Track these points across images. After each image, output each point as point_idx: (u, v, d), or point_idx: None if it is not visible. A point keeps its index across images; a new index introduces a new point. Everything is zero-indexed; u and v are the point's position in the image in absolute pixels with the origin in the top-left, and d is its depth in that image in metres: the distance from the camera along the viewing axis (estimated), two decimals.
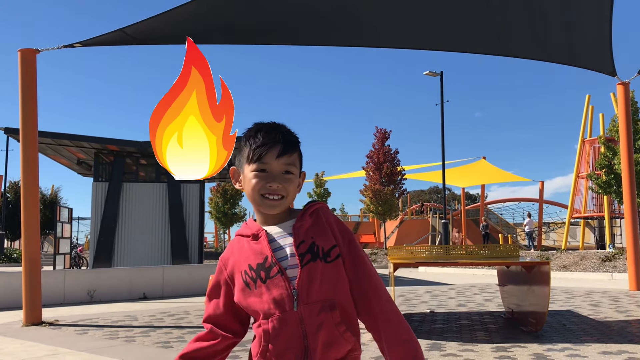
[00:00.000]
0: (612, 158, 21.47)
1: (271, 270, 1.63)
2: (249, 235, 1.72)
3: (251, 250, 1.69)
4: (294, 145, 1.72)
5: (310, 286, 1.61)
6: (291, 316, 1.61)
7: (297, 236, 1.66)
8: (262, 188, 1.66)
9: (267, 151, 1.66)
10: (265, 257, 1.65)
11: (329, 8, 9.31)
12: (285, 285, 1.61)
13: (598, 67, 11.94)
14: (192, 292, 13.42)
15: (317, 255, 1.63)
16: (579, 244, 30.44)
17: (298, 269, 1.62)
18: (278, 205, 1.68)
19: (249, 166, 1.70)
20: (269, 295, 1.62)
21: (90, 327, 8.39)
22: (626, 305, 9.64)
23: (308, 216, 1.70)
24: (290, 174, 1.69)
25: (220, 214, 34.92)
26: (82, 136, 17.86)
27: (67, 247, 19.22)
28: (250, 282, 1.66)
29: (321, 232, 1.67)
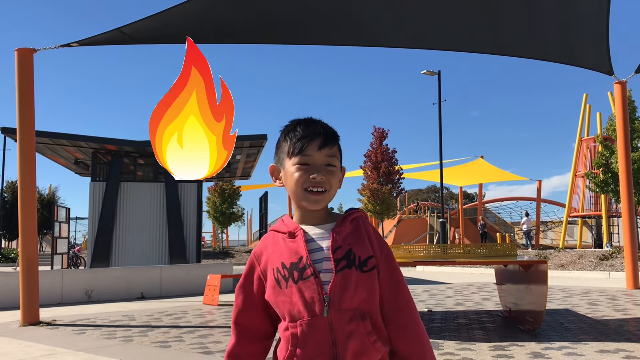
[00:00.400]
0: (610, 157, 21.50)
1: (305, 272, 1.59)
2: (285, 232, 1.69)
3: (286, 247, 1.65)
4: (335, 137, 1.70)
5: (343, 293, 1.57)
6: (321, 321, 1.56)
7: (334, 241, 1.62)
8: (306, 181, 1.63)
9: (308, 143, 1.64)
10: (300, 257, 1.61)
11: (328, 7, 9.31)
12: (318, 289, 1.58)
13: (595, 66, 11.96)
14: (190, 292, 13.41)
15: (352, 263, 1.60)
16: (576, 242, 30.50)
17: (332, 273, 1.58)
18: (321, 199, 1.65)
19: (289, 160, 1.67)
20: (299, 296, 1.58)
21: (88, 326, 8.38)
22: (623, 304, 9.66)
23: (348, 222, 1.67)
24: (333, 166, 1.67)
25: (218, 214, 34.88)
26: (79, 136, 17.84)
27: (65, 247, 19.21)
28: (281, 281, 1.62)
29: (359, 240, 1.64)
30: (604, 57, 11.50)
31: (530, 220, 30.38)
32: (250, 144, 18.53)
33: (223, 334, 7.41)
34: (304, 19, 9.62)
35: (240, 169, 23.16)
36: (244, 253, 31.38)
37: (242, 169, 23.03)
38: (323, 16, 9.59)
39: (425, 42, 11.09)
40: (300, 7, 9.19)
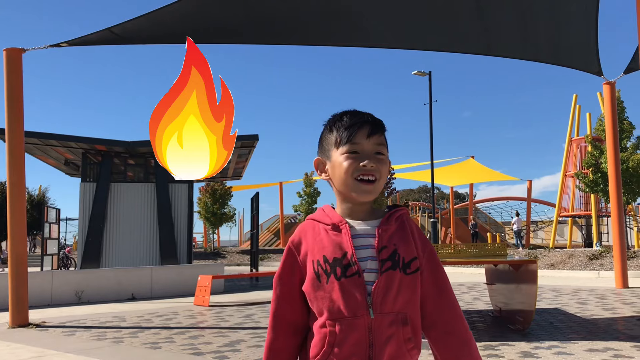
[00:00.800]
0: (599, 157, 21.64)
1: (349, 269, 1.53)
2: (328, 224, 1.61)
3: (329, 240, 1.58)
4: (382, 126, 1.65)
5: (386, 295, 1.52)
6: (361, 322, 1.51)
7: (380, 240, 1.57)
8: (356, 170, 1.57)
9: (357, 131, 1.59)
10: (345, 253, 1.54)
11: (319, 8, 9.31)
12: (361, 289, 1.52)
13: (585, 67, 12.04)
14: (181, 293, 13.37)
15: (397, 265, 1.55)
16: (566, 242, 30.67)
17: (376, 274, 1.53)
18: (372, 189, 1.59)
19: (337, 150, 1.61)
20: (341, 294, 1.52)
21: (78, 328, 8.34)
22: (612, 303, 9.73)
23: (394, 221, 1.62)
24: (382, 154, 1.62)
25: (209, 214, 34.76)
26: (69, 136, 17.74)
27: (55, 247, 19.08)
28: (322, 275, 1.54)
29: (405, 240, 1.59)
30: (593, 57, 11.57)
31: (520, 220, 30.52)
32: (241, 144, 18.49)
33: (214, 335, 7.39)
34: (294, 20, 9.62)
35: (231, 170, 23.12)
36: (235, 254, 31.33)
37: (233, 169, 22.99)
38: (313, 17, 9.60)
39: (415, 42, 11.12)
40: (290, 8, 9.19)
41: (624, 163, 20.36)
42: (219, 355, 6.03)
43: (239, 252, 32.24)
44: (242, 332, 7.63)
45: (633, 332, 6.84)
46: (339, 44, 11.02)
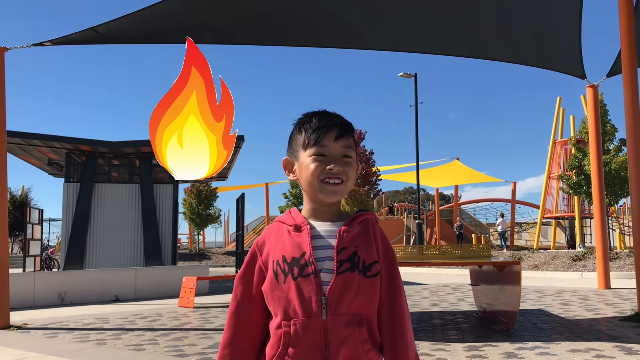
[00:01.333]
0: (582, 159, 21.86)
1: (305, 269, 1.53)
2: (291, 225, 1.62)
3: (290, 241, 1.59)
4: (351, 129, 1.65)
5: (342, 296, 1.52)
6: (316, 323, 1.51)
7: (341, 241, 1.57)
8: (322, 172, 1.58)
9: (324, 134, 1.59)
10: (303, 253, 1.55)
11: (306, 9, 9.31)
12: (316, 289, 1.52)
13: (568, 70, 12.15)
14: (165, 294, 13.29)
15: (356, 267, 1.54)
16: (550, 243, 30.93)
17: (333, 274, 1.53)
18: (338, 190, 1.60)
19: (305, 152, 1.61)
20: (297, 294, 1.52)
21: (61, 330, 8.25)
22: (595, 304, 9.82)
23: (357, 224, 1.62)
24: (349, 157, 1.62)
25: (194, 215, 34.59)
26: (53, 136, 17.56)
27: (38, 249, 18.88)
28: (279, 275, 1.55)
29: (366, 244, 1.59)
30: (577, 61, 11.69)
31: (505, 222, 30.73)
32: None
33: (198, 337, 7.35)
34: (280, 21, 9.61)
35: None
36: (221, 255, 31.21)
37: None
38: (299, 18, 9.60)
39: (401, 44, 11.16)
40: (277, 9, 9.18)
41: (607, 165, 20.59)
42: (203, 357, 6.00)
43: (224, 253, 32.13)
44: None
45: (615, 333, 6.91)
46: (324, 45, 11.02)
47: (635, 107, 8.48)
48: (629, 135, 8.57)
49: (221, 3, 8.85)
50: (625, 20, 8.59)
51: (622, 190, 21.42)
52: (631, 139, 8.53)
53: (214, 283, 16.47)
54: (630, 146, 8.57)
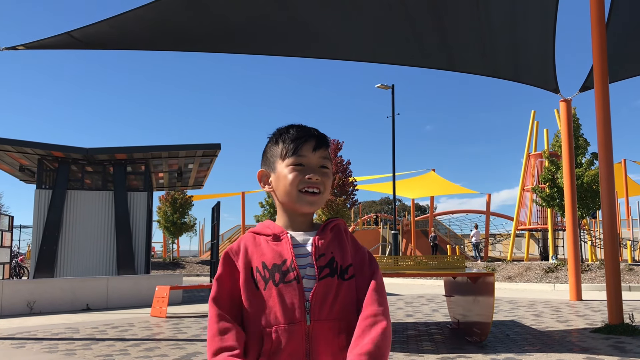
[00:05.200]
0: (556, 172, 22.17)
1: (287, 275, 1.53)
2: (269, 235, 1.62)
3: (269, 249, 1.58)
4: (327, 141, 1.67)
5: (324, 302, 1.53)
6: (299, 329, 1.50)
7: (317, 248, 1.58)
8: (301, 182, 1.58)
9: (303, 144, 1.61)
10: (284, 260, 1.55)
11: (283, 19, 9.32)
12: (299, 295, 1.52)
13: (542, 84, 12.35)
14: (138, 303, 13.10)
15: (335, 272, 1.56)
16: (524, 255, 31.26)
17: (314, 280, 1.54)
18: (316, 201, 1.60)
19: (282, 162, 1.62)
20: (278, 300, 1.51)
21: (28, 340, 8.06)
22: (566, 315, 9.94)
23: (329, 230, 1.64)
24: (327, 168, 1.64)
25: (169, 223, 34.23)
26: (24, 142, 17.25)
27: (7, 256, 18.47)
28: (259, 281, 1.54)
29: (341, 248, 1.61)
30: (551, 75, 11.89)
31: (479, 233, 30.99)
32: (203, 153, 18.31)
33: (170, 347, 7.24)
34: (259, 30, 9.60)
35: (192, 178, 22.84)
36: (195, 264, 30.91)
37: (194, 178, 22.71)
38: (278, 27, 9.60)
39: (377, 56, 11.23)
40: (256, 18, 9.17)
41: (579, 178, 20.92)
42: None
43: (199, 262, 31.83)
44: (199, 344, 7.50)
45: (586, 344, 6.99)
46: (301, 55, 11.03)
47: (607, 122, 8.64)
48: (600, 149, 8.72)
49: (197, 11, 8.80)
50: (597, 37, 8.76)
51: (593, 203, 21.78)
52: (602, 153, 8.68)
53: (188, 292, 16.29)
54: (602, 160, 8.72)
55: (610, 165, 8.67)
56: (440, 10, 9.52)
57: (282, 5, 8.92)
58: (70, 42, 9.11)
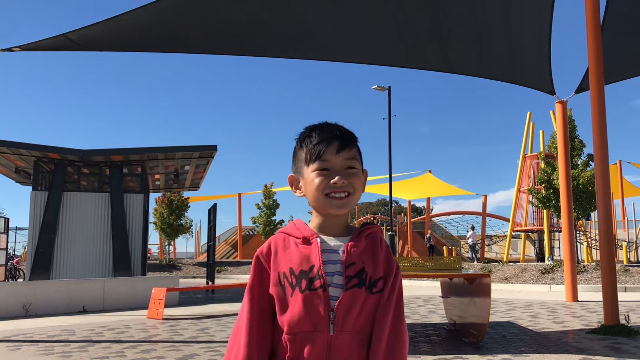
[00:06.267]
0: (551, 173, 22.23)
1: (314, 282, 1.49)
2: (298, 237, 1.58)
3: (298, 252, 1.55)
4: (352, 139, 1.62)
5: (349, 313, 1.49)
6: (321, 338, 1.47)
7: (349, 256, 1.54)
8: (327, 187, 1.54)
9: (325, 147, 1.56)
10: (312, 266, 1.51)
11: (277, 20, 9.33)
12: (324, 303, 1.48)
13: (538, 86, 12.39)
14: (134, 305, 13.07)
15: (363, 283, 1.51)
16: (520, 256, 31.32)
17: (341, 289, 1.50)
18: (345, 203, 1.56)
19: (308, 168, 1.58)
20: (303, 307, 1.48)
21: (24, 342, 8.04)
22: (563, 316, 9.96)
23: (364, 238, 1.59)
24: (354, 168, 1.59)
25: (165, 225, 34.17)
26: (21, 143, 17.21)
27: (3, 258, 18.41)
28: (287, 287, 1.51)
29: (373, 259, 1.56)
30: (546, 77, 11.93)
31: (475, 234, 31.04)
32: (199, 155, 18.30)
33: (167, 349, 7.23)
34: (253, 31, 9.61)
35: (189, 180, 22.82)
36: (192, 266, 30.87)
37: (190, 179, 22.69)
38: (272, 30, 9.61)
39: (375, 57, 11.24)
40: (250, 20, 9.18)
41: (575, 180, 20.97)
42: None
43: (195, 264, 31.78)
44: (196, 345, 7.49)
45: (582, 345, 7.01)
46: (296, 57, 11.04)
47: (603, 123, 8.67)
48: (596, 151, 8.75)
49: (192, 13, 8.81)
50: (592, 39, 8.80)
51: (589, 205, 21.84)
52: (598, 154, 8.70)
53: (184, 294, 16.26)
54: (598, 161, 8.74)
55: (605, 167, 8.70)
56: (437, 11, 9.54)
57: (277, 7, 8.93)
58: (66, 44, 9.10)
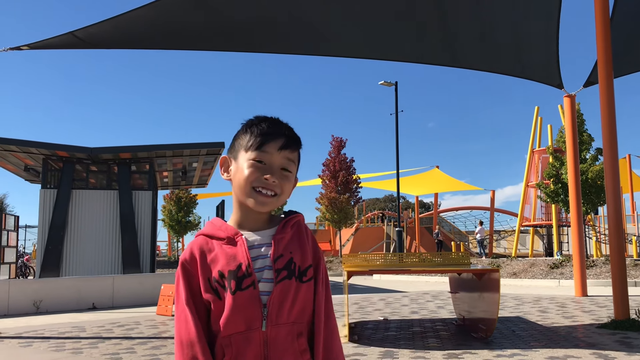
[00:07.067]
0: (560, 168, 22.12)
1: (243, 281, 1.46)
2: (222, 238, 1.53)
3: (223, 254, 1.50)
4: (298, 143, 1.58)
5: (282, 306, 1.47)
6: (256, 336, 1.46)
7: (276, 249, 1.52)
8: (256, 180, 1.51)
9: (270, 140, 1.52)
10: (239, 265, 1.48)
11: (285, 17, 9.32)
12: (256, 301, 1.46)
13: (546, 80, 12.31)
14: (144, 302, 13.14)
15: (293, 273, 1.50)
16: (528, 251, 31.23)
17: (272, 284, 1.48)
18: (269, 203, 1.52)
19: (245, 154, 1.53)
20: (235, 309, 1.45)
21: (35, 339, 8.10)
22: (572, 311, 9.92)
23: (289, 227, 1.57)
24: (288, 172, 1.55)
25: (173, 222, 34.36)
26: (29, 142, 17.32)
27: (13, 256, 18.55)
28: (219, 290, 1.47)
29: (300, 248, 1.55)
30: (554, 71, 11.85)
31: (483, 229, 30.96)
32: (207, 152, 18.35)
33: None
34: (260, 28, 9.61)
35: (196, 177, 22.89)
36: None
37: (198, 176, 22.77)
38: (281, 25, 9.60)
39: (380, 52, 11.22)
40: (257, 16, 9.17)
41: (584, 174, 20.87)
42: None
43: None
44: None
45: (592, 340, 6.98)
46: (303, 53, 11.03)
47: (612, 117, 8.62)
48: (605, 145, 8.69)
49: (199, 10, 8.81)
50: (601, 32, 8.73)
51: (598, 199, 21.73)
52: (607, 148, 8.65)
53: None
54: (607, 155, 8.69)
55: (615, 161, 8.64)
56: (443, 5, 9.50)
57: (285, 3, 8.93)
58: (74, 42, 9.13)
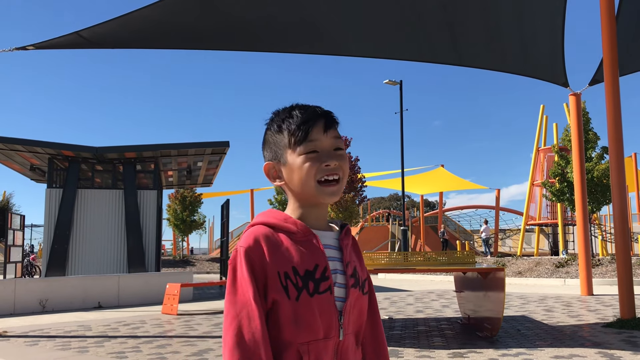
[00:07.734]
0: (565, 167, 22.04)
1: (321, 284, 1.33)
2: (293, 232, 1.37)
3: (297, 250, 1.34)
4: (336, 118, 1.45)
5: (351, 314, 1.39)
6: (331, 344, 1.34)
7: (345, 254, 1.42)
8: (319, 171, 1.36)
9: (312, 127, 1.38)
10: (316, 266, 1.34)
11: (289, 16, 9.32)
12: (333, 307, 1.34)
13: (551, 78, 12.28)
14: (149, 301, 13.17)
15: (357, 283, 1.41)
16: (533, 250, 31.14)
17: (344, 289, 1.38)
18: (337, 190, 1.39)
19: (293, 152, 1.38)
20: (314, 313, 1.32)
21: (42, 337, 8.13)
22: (577, 310, 9.90)
23: (350, 235, 1.48)
24: (341, 149, 1.42)
25: (178, 221, 34.39)
26: (35, 141, 17.37)
27: (19, 255, 18.63)
28: (291, 290, 1.31)
29: (358, 259, 1.47)
30: (560, 69, 11.82)
31: (489, 228, 30.88)
32: (212, 151, 18.37)
33: (182, 344, 7.29)
34: (266, 27, 9.61)
35: (201, 176, 22.92)
36: (205, 261, 31.02)
37: (203, 176, 22.79)
38: (285, 24, 9.60)
39: (386, 52, 11.21)
40: (262, 15, 9.18)
41: (589, 173, 20.79)
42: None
43: (209, 260, 31.95)
44: (210, 340, 7.54)
45: (597, 339, 6.97)
46: (308, 52, 11.04)
47: (617, 115, 8.58)
48: (610, 143, 8.67)
49: (204, 9, 8.82)
50: (607, 30, 8.70)
51: (604, 198, 21.64)
52: (613, 147, 8.62)
53: (198, 290, 16.36)
54: (612, 154, 8.66)
55: (620, 159, 8.62)
56: (449, 4, 9.48)
57: (290, 2, 8.93)
58: (79, 42, 9.16)
